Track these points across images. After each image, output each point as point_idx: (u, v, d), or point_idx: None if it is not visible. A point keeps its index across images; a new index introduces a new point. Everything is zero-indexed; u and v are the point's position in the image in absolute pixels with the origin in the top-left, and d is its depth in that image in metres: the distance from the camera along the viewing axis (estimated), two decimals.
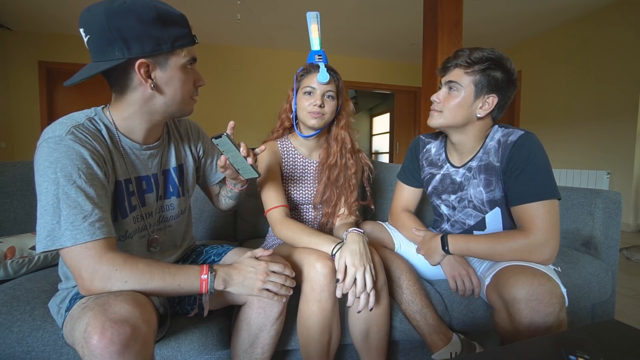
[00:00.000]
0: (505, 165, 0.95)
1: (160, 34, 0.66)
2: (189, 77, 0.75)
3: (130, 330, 0.56)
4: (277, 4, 3.72)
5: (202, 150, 1.00)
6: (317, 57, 1.09)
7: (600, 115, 3.77)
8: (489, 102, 0.95)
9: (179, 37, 0.69)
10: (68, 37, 4.49)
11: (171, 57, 0.70)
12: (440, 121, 0.99)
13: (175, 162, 0.89)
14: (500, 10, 3.85)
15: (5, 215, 1.21)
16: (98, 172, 0.67)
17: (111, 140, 0.74)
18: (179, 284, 0.66)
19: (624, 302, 1.79)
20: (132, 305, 0.59)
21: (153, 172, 0.84)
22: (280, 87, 4.95)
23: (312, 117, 1.07)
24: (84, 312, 0.58)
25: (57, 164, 0.62)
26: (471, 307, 1.06)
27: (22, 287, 0.94)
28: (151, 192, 0.83)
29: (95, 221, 0.62)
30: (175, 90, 0.73)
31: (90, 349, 0.54)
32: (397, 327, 1.01)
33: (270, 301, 0.81)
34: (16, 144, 4.49)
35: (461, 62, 0.94)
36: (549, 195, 0.89)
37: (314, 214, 1.19)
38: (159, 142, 0.84)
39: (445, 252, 1.00)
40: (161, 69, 0.70)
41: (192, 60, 0.74)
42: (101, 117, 0.74)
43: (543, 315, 0.76)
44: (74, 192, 0.61)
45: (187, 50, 0.72)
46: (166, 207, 0.89)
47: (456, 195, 1.09)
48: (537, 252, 0.87)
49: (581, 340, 0.65)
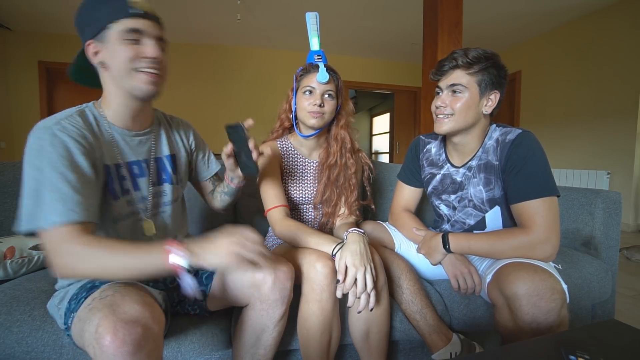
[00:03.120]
0: (504, 163, 0.96)
1: (96, 14, 0.72)
2: (128, 48, 0.72)
3: (141, 330, 0.56)
4: (277, 4, 3.72)
5: (193, 143, 1.02)
6: (316, 57, 1.09)
7: (601, 115, 3.77)
8: (492, 99, 0.97)
9: (110, 14, 0.71)
10: (68, 37, 4.48)
11: (108, 32, 0.72)
12: (451, 125, 0.98)
13: (169, 151, 0.92)
14: (501, 10, 3.85)
15: (5, 215, 1.21)
16: (81, 160, 0.69)
17: (99, 128, 0.78)
18: (142, 256, 0.64)
19: (624, 302, 1.79)
20: (141, 305, 0.60)
21: (144, 158, 0.86)
22: (280, 87, 4.94)
23: (312, 117, 1.07)
24: (92, 314, 0.58)
25: (42, 151, 0.66)
26: (471, 307, 1.06)
27: (22, 288, 0.94)
28: (143, 176, 0.85)
29: (73, 205, 0.65)
30: (116, 63, 0.73)
31: (102, 350, 0.54)
32: (397, 327, 1.01)
33: (272, 302, 0.81)
34: (16, 144, 4.49)
35: (461, 63, 0.94)
36: (548, 192, 0.89)
37: (314, 213, 1.19)
38: (149, 129, 0.88)
39: (446, 251, 1.00)
40: (104, 46, 0.73)
41: (131, 30, 0.72)
42: (91, 109, 0.80)
43: (545, 311, 0.77)
44: (56, 178, 0.64)
45: (121, 22, 0.71)
46: (160, 193, 0.90)
47: (456, 195, 1.09)
48: (539, 249, 0.88)
49: (581, 340, 0.65)
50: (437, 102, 1.00)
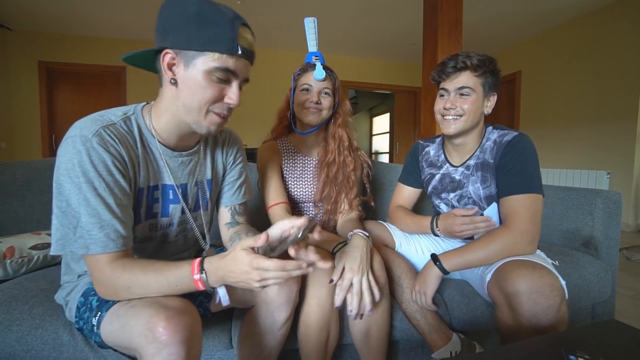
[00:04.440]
0: (498, 162, 1.00)
1: (195, 31, 0.62)
2: (213, 87, 0.66)
3: (190, 320, 0.59)
4: (277, 4, 3.73)
5: (232, 159, 0.91)
6: (314, 58, 1.12)
7: (601, 115, 3.77)
8: (492, 100, 1.03)
9: (213, 40, 0.63)
10: (68, 37, 4.49)
11: (199, 57, 0.64)
12: (461, 126, 1.01)
13: (211, 175, 0.85)
14: (501, 10, 3.85)
15: (5, 215, 1.21)
16: (120, 179, 0.65)
17: (142, 143, 0.71)
18: (176, 284, 0.64)
19: (624, 302, 1.79)
20: (184, 301, 0.63)
21: (182, 182, 0.79)
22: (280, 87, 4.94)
23: (310, 113, 1.09)
24: (139, 309, 0.60)
25: (80, 167, 0.61)
26: (471, 306, 1.06)
27: (21, 286, 0.94)
28: (177, 203, 0.79)
29: (112, 233, 0.63)
30: (191, 93, 0.66)
31: (155, 337, 0.56)
32: (397, 327, 1.01)
33: (278, 306, 0.80)
34: (16, 144, 4.49)
35: (470, 65, 0.97)
36: (533, 190, 0.94)
37: (314, 211, 1.20)
38: (193, 150, 0.80)
39: (442, 271, 0.97)
40: (185, 65, 0.65)
41: (224, 70, 0.65)
42: (137, 117, 0.73)
43: (545, 307, 0.77)
44: (94, 200, 0.61)
45: (220, 57, 0.64)
46: (192, 219, 0.83)
47: (455, 193, 1.11)
48: (520, 241, 0.91)
49: (581, 340, 0.65)
50: (447, 104, 1.02)
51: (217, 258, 0.63)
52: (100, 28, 4.29)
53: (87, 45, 4.52)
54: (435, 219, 1.07)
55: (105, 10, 3.84)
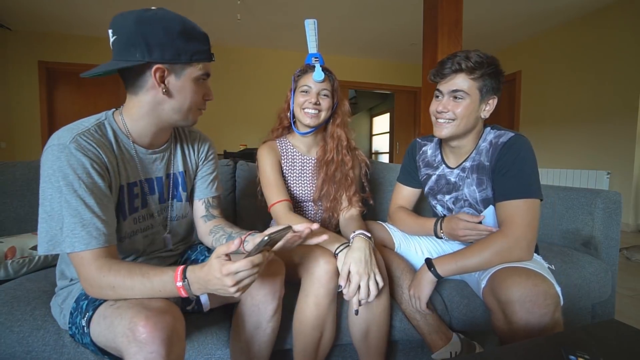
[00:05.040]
0: (494, 164, 0.97)
1: (182, 46, 0.72)
2: (200, 90, 0.79)
3: (171, 319, 0.61)
4: (277, 4, 3.72)
5: (204, 156, 0.98)
6: (313, 59, 1.13)
7: (600, 115, 3.77)
8: (491, 104, 0.98)
9: (197, 52, 0.75)
10: (68, 37, 4.49)
11: (187, 68, 0.75)
12: (452, 130, 0.98)
13: (182, 167, 0.92)
14: (501, 10, 3.85)
15: (5, 215, 1.21)
16: (99, 181, 0.69)
17: (117, 145, 0.77)
18: (159, 289, 0.65)
19: (624, 302, 1.80)
20: (167, 302, 0.65)
21: (157, 175, 0.86)
22: (280, 87, 4.95)
23: (309, 117, 1.11)
24: (123, 310, 0.62)
25: (60, 172, 0.65)
26: (471, 307, 1.06)
27: (23, 287, 0.94)
28: (154, 194, 0.86)
29: (95, 231, 0.66)
30: (185, 98, 0.77)
31: (135, 336, 0.57)
32: (397, 327, 1.01)
33: (263, 299, 0.82)
34: (16, 144, 4.49)
35: (464, 67, 0.92)
36: (530, 194, 0.91)
37: (314, 210, 1.21)
38: (165, 146, 0.87)
39: (435, 277, 0.95)
40: (176, 76, 0.74)
41: (206, 75, 0.79)
42: (110, 121, 0.78)
43: (538, 316, 0.77)
44: (75, 201, 0.65)
45: (203, 65, 0.77)
46: (171, 209, 0.90)
47: (451, 195, 1.10)
48: (516, 247, 0.89)
49: (581, 340, 0.65)
50: (439, 107, 0.98)
51: (198, 267, 0.65)
52: (100, 28, 4.28)
53: (87, 45, 4.51)
54: (440, 221, 1.05)
55: (105, 10, 3.83)
